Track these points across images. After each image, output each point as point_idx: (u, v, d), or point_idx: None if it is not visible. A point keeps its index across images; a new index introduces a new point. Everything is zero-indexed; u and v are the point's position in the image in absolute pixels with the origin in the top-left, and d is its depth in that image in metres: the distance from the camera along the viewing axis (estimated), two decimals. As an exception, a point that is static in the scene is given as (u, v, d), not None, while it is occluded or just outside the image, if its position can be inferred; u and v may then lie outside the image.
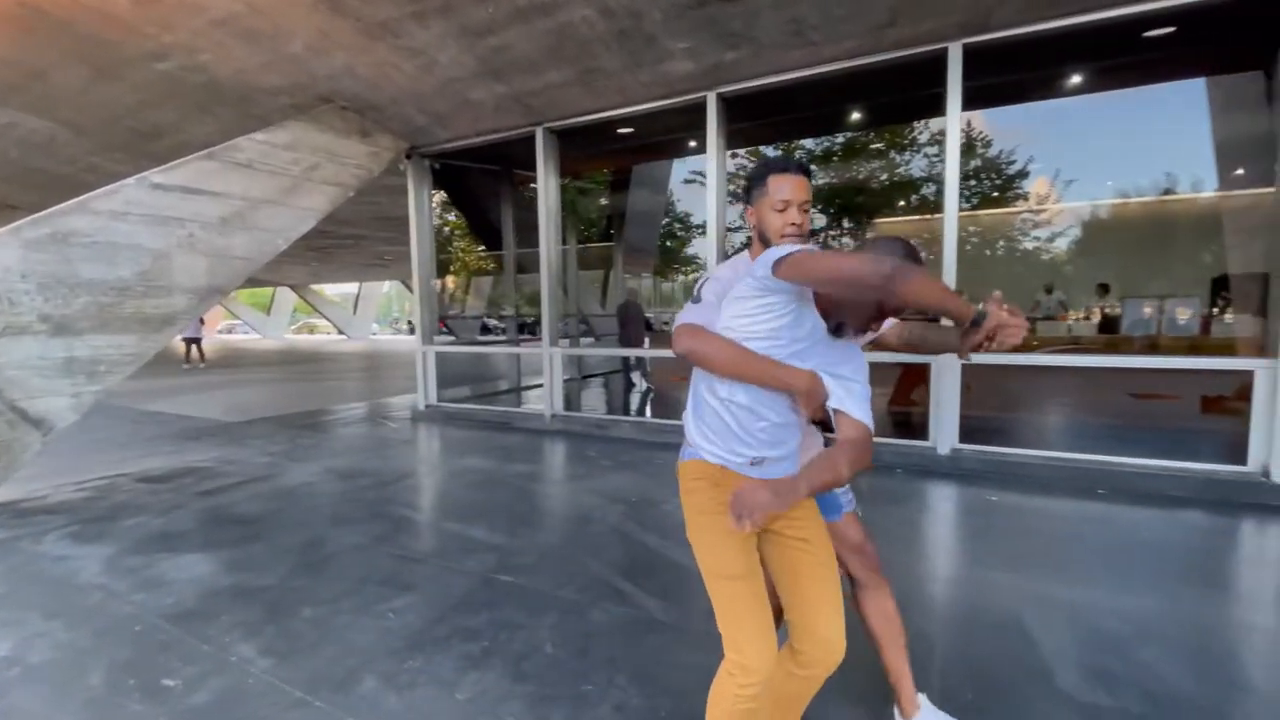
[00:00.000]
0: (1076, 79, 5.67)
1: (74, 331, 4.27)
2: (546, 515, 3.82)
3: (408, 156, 6.88)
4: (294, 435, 6.31)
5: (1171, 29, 4.46)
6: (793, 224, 1.49)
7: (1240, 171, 6.94)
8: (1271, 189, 5.66)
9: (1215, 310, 6.84)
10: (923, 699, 1.69)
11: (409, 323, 46.16)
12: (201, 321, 17.42)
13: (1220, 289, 6.95)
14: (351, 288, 37.37)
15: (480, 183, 8.31)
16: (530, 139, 6.24)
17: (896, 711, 1.71)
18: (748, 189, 1.57)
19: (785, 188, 1.49)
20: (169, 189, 4.71)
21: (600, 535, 3.34)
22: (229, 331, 42.96)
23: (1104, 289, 8.63)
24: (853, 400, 1.31)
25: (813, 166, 15.80)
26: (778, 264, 1.22)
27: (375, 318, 40.65)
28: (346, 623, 2.42)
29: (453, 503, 4.08)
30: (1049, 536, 3.34)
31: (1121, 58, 5.19)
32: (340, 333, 36.62)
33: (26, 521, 3.76)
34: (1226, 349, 5.93)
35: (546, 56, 4.80)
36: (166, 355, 15.98)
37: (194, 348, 15.00)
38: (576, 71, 5.03)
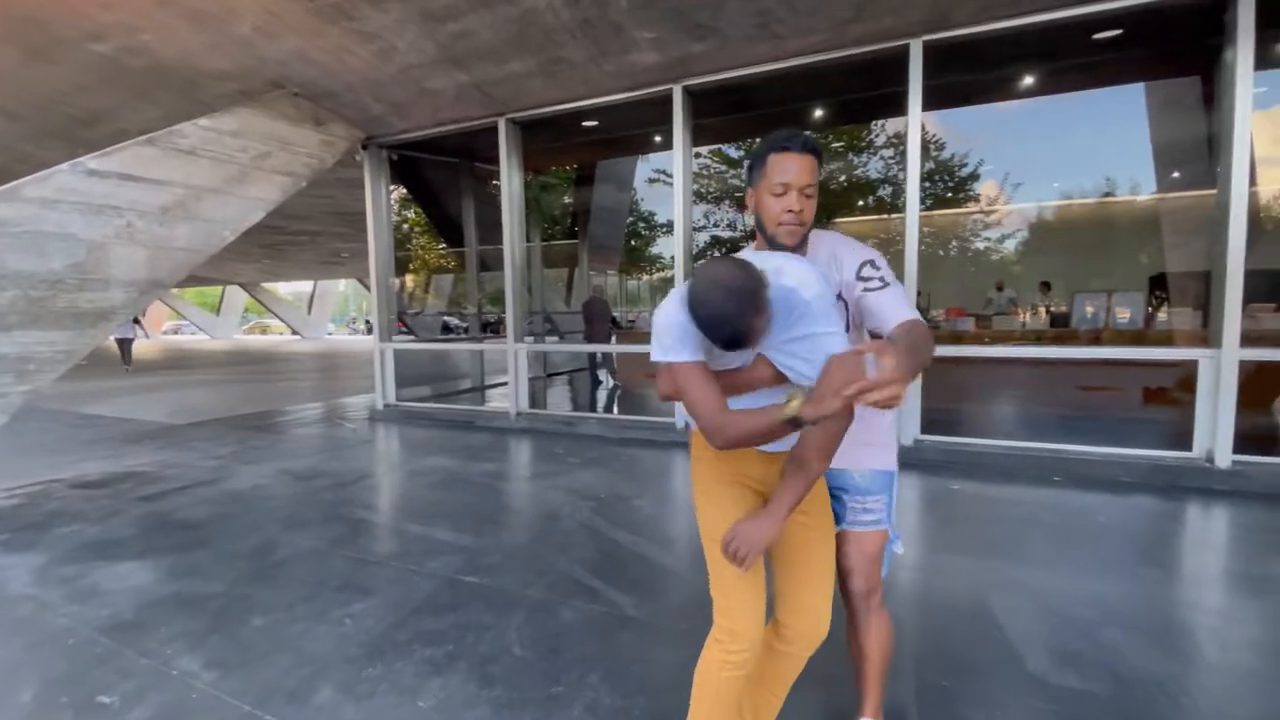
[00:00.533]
0: (1028, 80, 5.83)
1: (2, 327, 3.98)
2: (513, 514, 3.72)
3: (364, 147, 6.65)
4: (244, 437, 6.04)
5: (1119, 31, 4.61)
6: (790, 211, 1.31)
7: (1176, 175, 7.28)
8: (1208, 191, 5.93)
9: (1151, 308, 7.14)
10: None
11: (366, 322, 44.98)
12: (137, 321, 16.53)
13: (1156, 287, 7.25)
14: (306, 286, 36.22)
15: (441, 177, 8.10)
16: (492, 130, 6.10)
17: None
18: (750, 169, 1.41)
19: (787, 168, 1.31)
20: (105, 175, 4.44)
21: (569, 533, 3.26)
22: (175, 332, 41.15)
23: (1045, 286, 8.94)
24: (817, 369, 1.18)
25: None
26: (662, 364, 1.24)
27: (331, 317, 39.47)
28: (300, 631, 2.29)
29: (414, 503, 3.93)
30: (1010, 523, 3.41)
31: (1069, 60, 5.37)
32: (294, 333, 35.43)
33: (-55, 532, 3.48)
34: (1169, 341, 6.19)
35: (509, 45, 4.69)
36: (107, 357, 15.16)
37: (124, 349, 13.94)
38: (540, 61, 4.93)
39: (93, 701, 1.89)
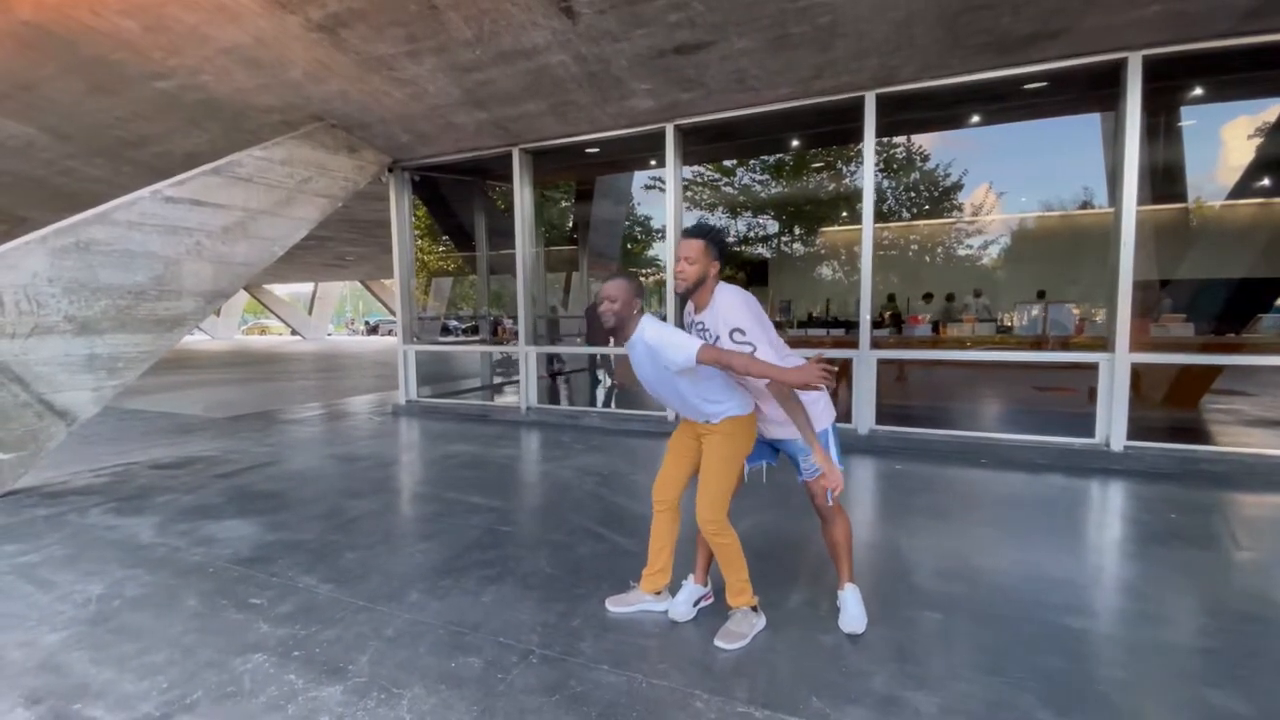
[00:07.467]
0: (976, 117, 6.66)
1: (95, 331, 4.72)
2: (532, 486, 4.50)
3: (390, 170, 7.42)
4: (284, 428, 6.79)
5: (1044, 84, 5.43)
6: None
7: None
8: (1150, 207, 6.69)
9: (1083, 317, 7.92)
10: (850, 586, 2.40)
11: (366, 323, 45.55)
12: None
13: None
14: (304, 287, 36.82)
15: (454, 189, 8.88)
16: (506, 156, 6.88)
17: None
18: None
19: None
20: (178, 201, 5.18)
21: (579, 498, 4.05)
22: (174, 332, 41.51)
23: (976, 294, 9.73)
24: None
25: (765, 176, 16.77)
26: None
27: (330, 317, 40.06)
28: (384, 561, 3.06)
29: (449, 478, 4.69)
30: (935, 494, 4.21)
31: (1009, 101, 6.19)
32: (294, 333, 36.05)
33: (61, 501, 4.22)
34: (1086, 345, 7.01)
35: (525, 91, 5.47)
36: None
37: None
38: (551, 104, 5.72)
39: (247, 603, 2.66)
